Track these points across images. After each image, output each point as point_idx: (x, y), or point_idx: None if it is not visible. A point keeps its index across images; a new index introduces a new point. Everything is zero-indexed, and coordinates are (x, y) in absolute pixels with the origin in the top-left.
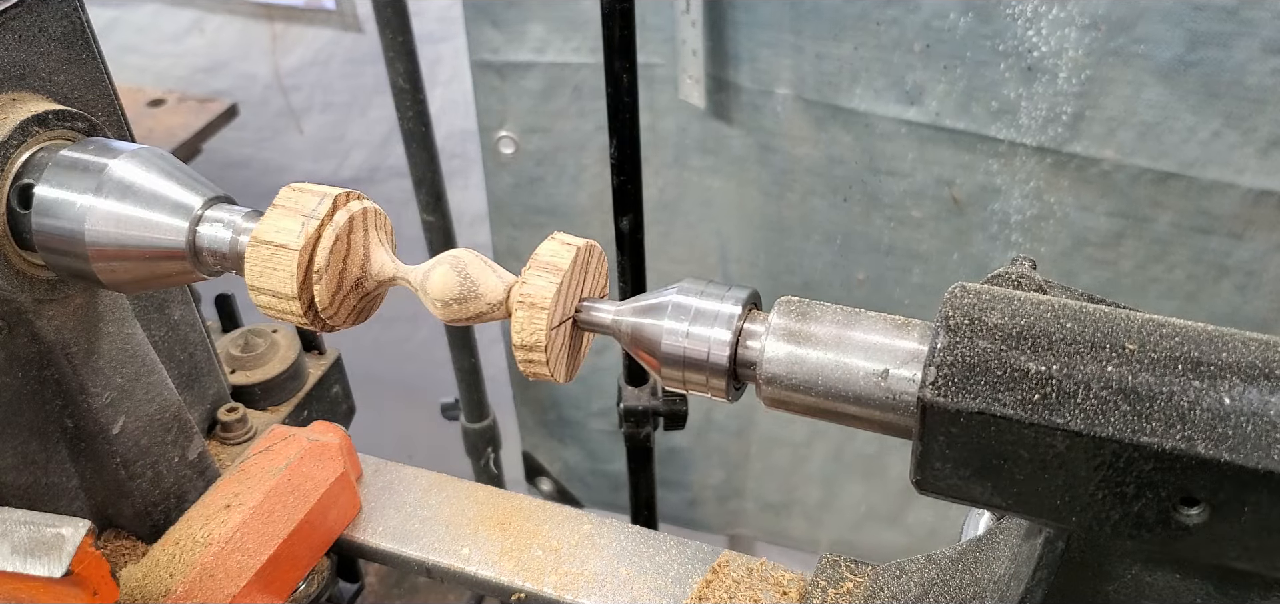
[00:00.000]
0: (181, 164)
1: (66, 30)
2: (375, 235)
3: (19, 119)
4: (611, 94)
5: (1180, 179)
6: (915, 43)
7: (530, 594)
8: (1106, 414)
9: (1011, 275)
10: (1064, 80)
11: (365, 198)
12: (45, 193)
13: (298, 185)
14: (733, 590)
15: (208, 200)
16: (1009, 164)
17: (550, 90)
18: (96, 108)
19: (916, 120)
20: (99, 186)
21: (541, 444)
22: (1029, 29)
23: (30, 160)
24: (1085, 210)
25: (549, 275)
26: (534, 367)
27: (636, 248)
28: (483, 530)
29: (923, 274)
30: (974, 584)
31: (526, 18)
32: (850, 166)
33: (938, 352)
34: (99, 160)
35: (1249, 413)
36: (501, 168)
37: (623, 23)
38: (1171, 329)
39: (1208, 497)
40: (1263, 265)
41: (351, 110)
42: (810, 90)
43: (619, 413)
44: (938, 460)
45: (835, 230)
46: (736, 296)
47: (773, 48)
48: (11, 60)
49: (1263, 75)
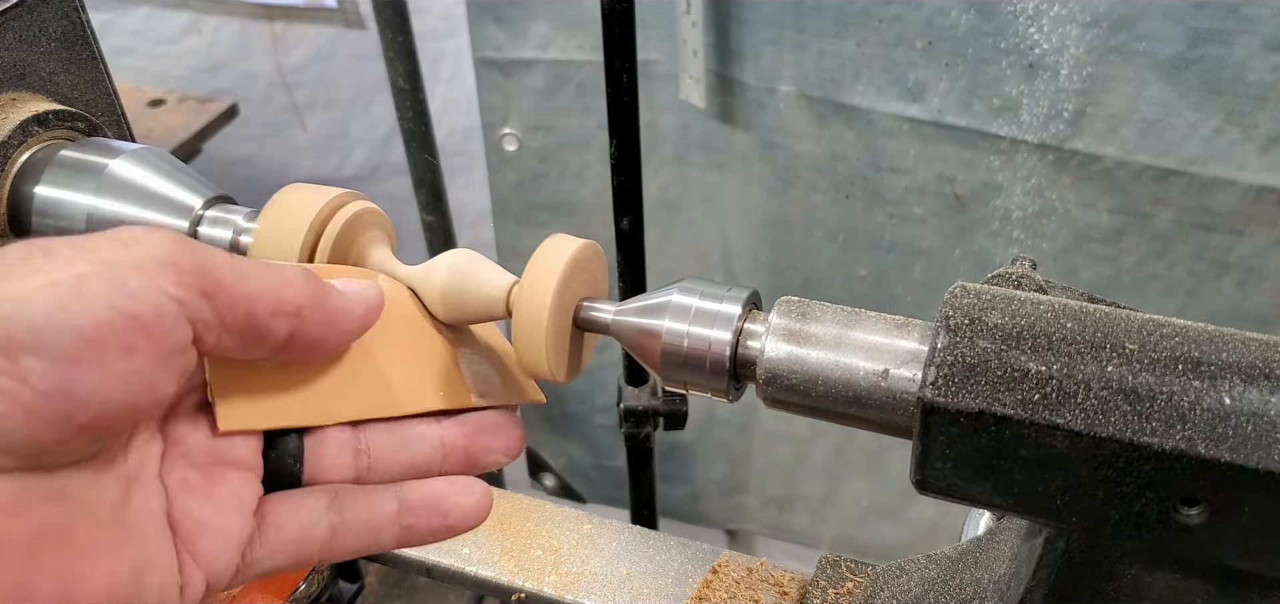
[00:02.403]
0: (182, 164)
1: (66, 30)
2: (375, 235)
3: (19, 119)
4: (612, 93)
5: (1181, 176)
6: (917, 40)
7: (530, 594)
8: (1107, 414)
9: (1012, 275)
10: (1065, 77)
11: (365, 198)
12: (45, 193)
13: (297, 185)
14: (733, 590)
15: (208, 200)
16: (1011, 161)
17: (553, 87)
18: (96, 108)
19: (919, 117)
20: (99, 186)
21: (544, 440)
22: (1031, 26)
23: (30, 160)
24: (1087, 207)
25: (548, 275)
26: (533, 367)
27: (636, 247)
28: (483, 530)
29: (925, 270)
30: (974, 584)
31: (530, 15)
32: (852, 163)
33: (938, 352)
34: (99, 160)
35: (1249, 413)
36: (505, 165)
37: (623, 22)
38: (1172, 329)
39: (1208, 497)
40: (1263, 262)
41: (354, 107)
42: (813, 87)
43: (619, 413)
44: (938, 460)
45: (837, 227)
46: (736, 296)
47: (775, 45)
48: (11, 60)
49: (1263, 72)
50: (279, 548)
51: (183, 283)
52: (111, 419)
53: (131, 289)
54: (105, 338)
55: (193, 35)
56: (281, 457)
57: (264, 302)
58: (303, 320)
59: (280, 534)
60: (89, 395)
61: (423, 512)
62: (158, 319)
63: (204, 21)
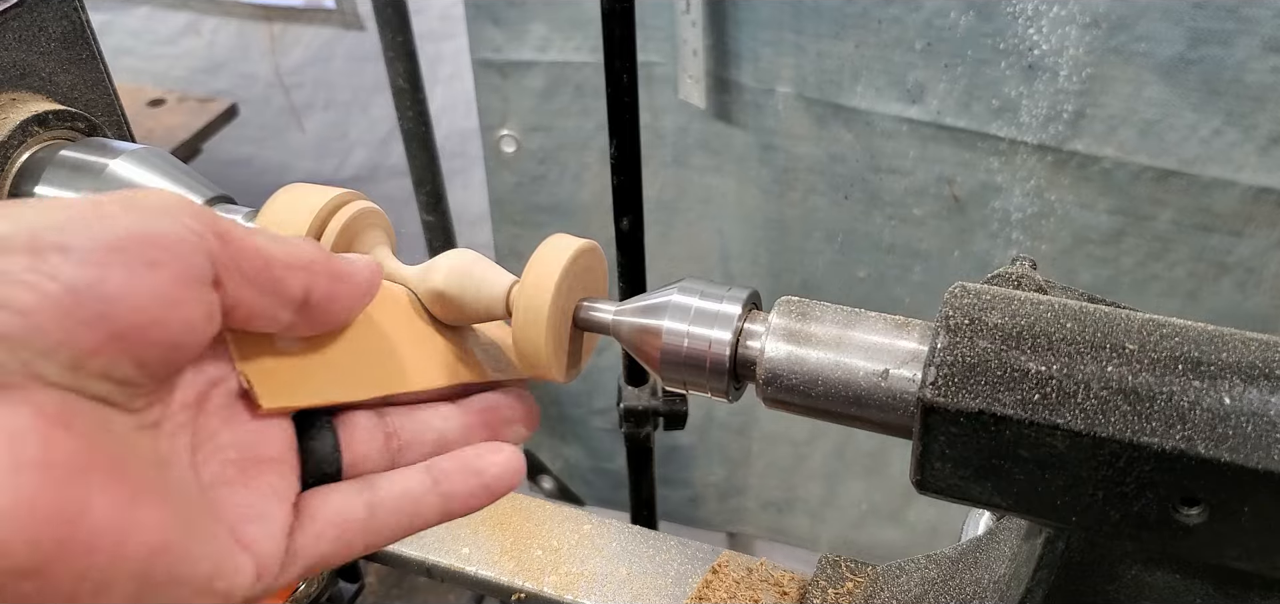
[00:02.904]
0: (182, 163)
1: (66, 30)
2: (374, 235)
3: (19, 119)
4: (611, 94)
5: (1181, 177)
6: (916, 41)
7: (530, 594)
8: (1107, 414)
9: (1011, 275)
10: (1065, 78)
11: (365, 197)
12: (45, 193)
13: (296, 185)
14: (733, 590)
15: (208, 200)
16: (1010, 162)
17: (552, 89)
18: (96, 108)
19: (918, 118)
20: (99, 186)
21: (543, 442)
22: (1030, 27)
23: (30, 160)
24: (1086, 208)
25: (548, 275)
26: (533, 367)
27: (636, 247)
28: (482, 530)
29: (924, 272)
30: (974, 584)
31: (528, 17)
32: (851, 165)
33: (938, 352)
34: (99, 160)
35: (1249, 413)
36: (503, 166)
37: (622, 23)
38: (1171, 329)
39: (1208, 497)
40: (1262, 262)
41: (353, 108)
42: (812, 89)
43: (619, 413)
44: (938, 460)
45: (836, 228)
46: (737, 296)
47: (774, 46)
48: (11, 60)
49: (1263, 73)
50: (320, 534)
51: (198, 219)
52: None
53: (149, 214)
54: (128, 247)
55: (192, 36)
56: (321, 445)
57: (276, 255)
58: (313, 275)
59: (317, 521)
60: (119, 295)
61: (458, 477)
62: (177, 242)
63: (203, 22)
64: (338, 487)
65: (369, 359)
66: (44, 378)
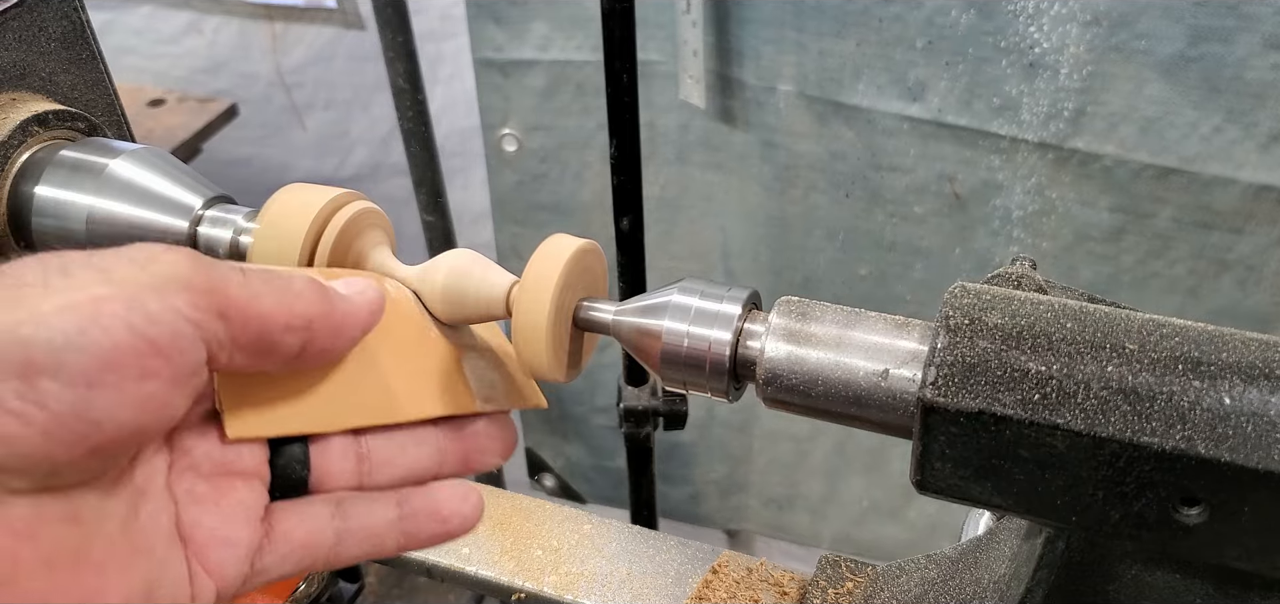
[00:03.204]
0: (182, 163)
1: (66, 30)
2: (375, 236)
3: (19, 119)
4: (612, 93)
5: (1181, 174)
6: (917, 39)
7: (530, 594)
8: (1107, 414)
9: (1012, 275)
10: (1065, 76)
11: (365, 197)
12: (45, 193)
13: (297, 185)
14: (733, 590)
15: (208, 200)
16: (1011, 160)
17: (553, 88)
18: (96, 108)
19: (919, 116)
20: (99, 186)
21: (544, 440)
22: (1031, 25)
23: (30, 160)
24: (1087, 206)
25: (548, 275)
26: (533, 366)
27: (636, 247)
28: (483, 530)
29: (925, 270)
30: (974, 584)
31: (529, 16)
32: (852, 163)
33: (938, 352)
34: (99, 160)
35: (1249, 413)
36: (504, 165)
37: (623, 22)
38: (1171, 329)
39: (1208, 497)
40: (1263, 260)
41: (353, 107)
42: (813, 87)
43: (619, 413)
44: (938, 460)
45: (837, 226)
46: (737, 296)
47: (776, 45)
48: (11, 60)
49: (1263, 70)
50: (287, 555)
51: (198, 304)
52: (124, 441)
53: (149, 312)
54: (123, 362)
55: (193, 35)
56: (288, 463)
57: (276, 319)
58: (313, 334)
59: (288, 541)
60: (104, 418)
61: (423, 518)
62: (174, 342)
63: (204, 21)
64: (310, 511)
65: (354, 391)
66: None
